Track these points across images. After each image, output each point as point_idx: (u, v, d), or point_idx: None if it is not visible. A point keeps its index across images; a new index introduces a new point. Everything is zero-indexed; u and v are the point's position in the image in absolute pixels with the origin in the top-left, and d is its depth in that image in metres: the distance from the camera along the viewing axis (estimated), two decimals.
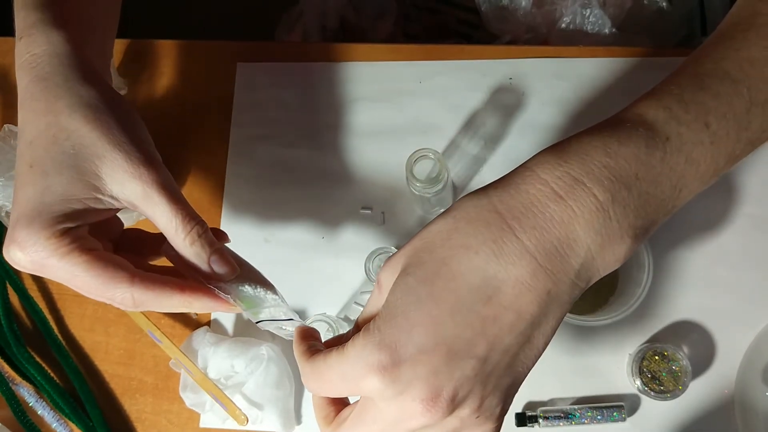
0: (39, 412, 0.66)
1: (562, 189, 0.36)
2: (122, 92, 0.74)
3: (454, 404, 0.35)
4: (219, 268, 0.45)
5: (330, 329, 0.56)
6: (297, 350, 0.41)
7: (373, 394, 0.36)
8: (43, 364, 0.67)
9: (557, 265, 0.36)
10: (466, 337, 0.35)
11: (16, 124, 0.59)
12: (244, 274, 0.46)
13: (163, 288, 0.44)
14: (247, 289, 0.45)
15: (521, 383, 0.38)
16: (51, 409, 0.66)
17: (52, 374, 0.67)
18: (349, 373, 0.37)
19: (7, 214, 0.68)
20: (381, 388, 0.35)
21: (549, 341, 0.38)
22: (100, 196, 0.43)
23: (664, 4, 0.88)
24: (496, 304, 0.35)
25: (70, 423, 0.66)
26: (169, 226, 0.44)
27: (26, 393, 0.67)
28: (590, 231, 0.36)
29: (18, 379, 0.67)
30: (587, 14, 0.88)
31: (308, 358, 0.40)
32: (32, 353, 0.67)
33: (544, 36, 0.91)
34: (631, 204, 0.37)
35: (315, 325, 0.57)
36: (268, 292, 0.46)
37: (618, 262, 0.38)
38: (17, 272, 0.70)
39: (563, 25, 0.88)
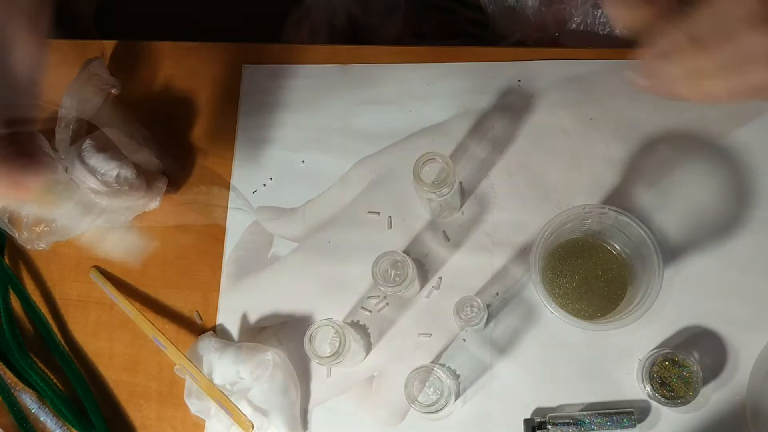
0: (41, 419, 0.68)
1: None
2: (115, 91, 0.77)
3: None
4: None
5: (336, 335, 0.59)
6: None
7: None
8: (46, 371, 0.69)
9: None
10: None
11: None
12: None
13: None
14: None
15: None
16: (53, 416, 0.68)
17: (54, 381, 0.69)
18: None
19: (9, 218, 0.70)
20: None
21: None
22: None
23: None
24: None
25: (73, 430, 0.68)
26: None
27: (28, 400, 0.69)
28: None
29: (20, 385, 0.69)
30: (598, 14, 0.90)
31: None
32: (35, 359, 0.70)
33: (553, 36, 0.93)
34: None
35: (321, 331, 0.59)
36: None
37: None
38: (20, 277, 0.73)
39: (574, 26, 0.90)
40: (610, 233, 0.64)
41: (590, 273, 0.65)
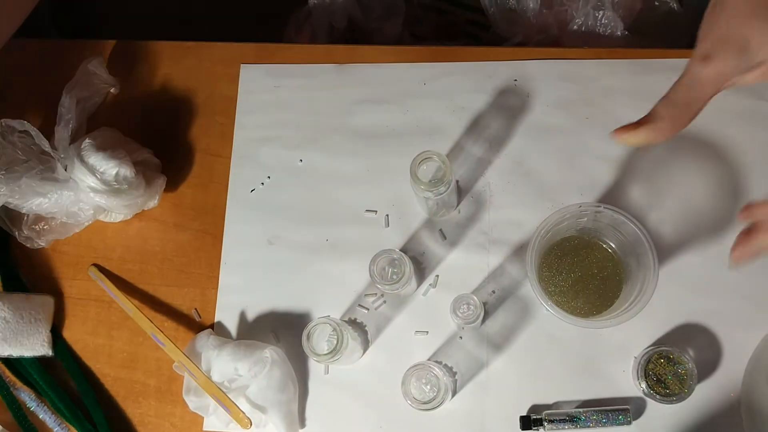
0: (40, 416, 0.69)
1: None
2: (114, 90, 0.78)
3: None
4: None
5: (334, 332, 0.59)
6: None
7: None
8: (45, 368, 0.70)
9: None
10: None
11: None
12: None
13: None
14: None
15: None
16: (52, 413, 0.69)
17: (53, 378, 0.70)
18: None
19: (9, 217, 0.71)
20: None
21: None
22: None
23: (674, 5, 0.91)
24: None
25: (72, 427, 0.68)
26: None
27: (27, 397, 0.69)
28: None
29: (18, 383, 0.70)
30: (600, 16, 0.91)
31: None
32: (34, 357, 0.70)
33: (555, 37, 0.93)
34: None
35: (319, 328, 0.60)
36: None
37: None
38: (20, 274, 0.74)
39: (575, 27, 0.91)
40: (606, 231, 0.65)
41: (586, 271, 0.65)
